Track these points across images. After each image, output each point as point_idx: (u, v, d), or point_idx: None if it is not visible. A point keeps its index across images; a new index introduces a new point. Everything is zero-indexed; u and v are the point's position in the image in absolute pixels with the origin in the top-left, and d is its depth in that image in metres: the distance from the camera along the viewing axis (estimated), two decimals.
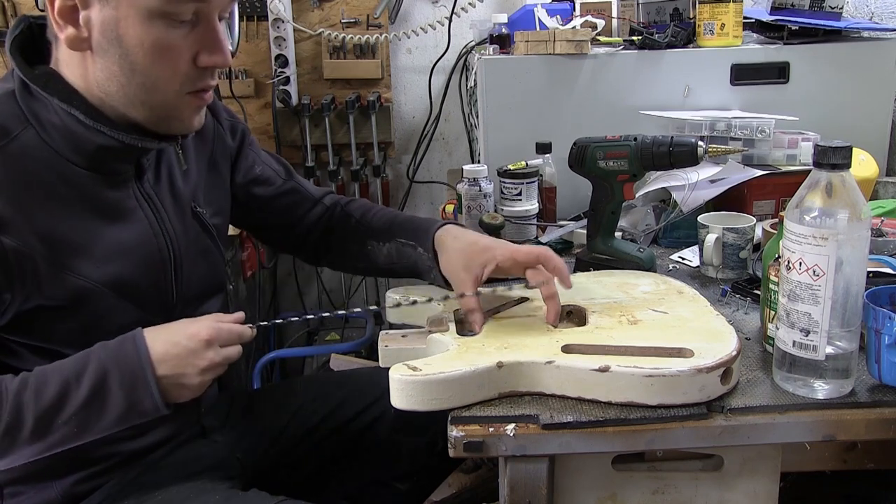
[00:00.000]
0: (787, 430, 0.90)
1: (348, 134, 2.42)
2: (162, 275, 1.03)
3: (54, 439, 0.90)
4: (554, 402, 0.92)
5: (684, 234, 1.46)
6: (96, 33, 0.88)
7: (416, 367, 0.92)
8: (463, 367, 0.91)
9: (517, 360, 0.93)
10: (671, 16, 1.80)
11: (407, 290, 1.18)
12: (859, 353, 0.91)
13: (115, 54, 0.89)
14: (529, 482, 0.92)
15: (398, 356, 0.99)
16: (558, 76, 1.65)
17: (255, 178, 1.22)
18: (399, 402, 0.92)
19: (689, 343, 0.95)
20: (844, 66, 1.65)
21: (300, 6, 2.37)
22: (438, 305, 1.12)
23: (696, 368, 0.89)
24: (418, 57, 2.48)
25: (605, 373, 0.90)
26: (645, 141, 1.21)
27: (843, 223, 0.84)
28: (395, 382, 0.91)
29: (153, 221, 1.02)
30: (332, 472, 1.25)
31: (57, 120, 0.92)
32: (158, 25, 0.88)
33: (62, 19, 0.88)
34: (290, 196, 1.24)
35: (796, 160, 1.50)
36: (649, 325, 1.02)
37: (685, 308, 1.07)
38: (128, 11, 0.87)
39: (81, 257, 0.94)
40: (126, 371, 0.90)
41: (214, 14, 0.92)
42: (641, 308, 1.07)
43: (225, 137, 1.18)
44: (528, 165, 1.53)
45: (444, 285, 1.13)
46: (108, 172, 0.97)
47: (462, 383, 0.91)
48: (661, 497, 0.97)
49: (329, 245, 1.26)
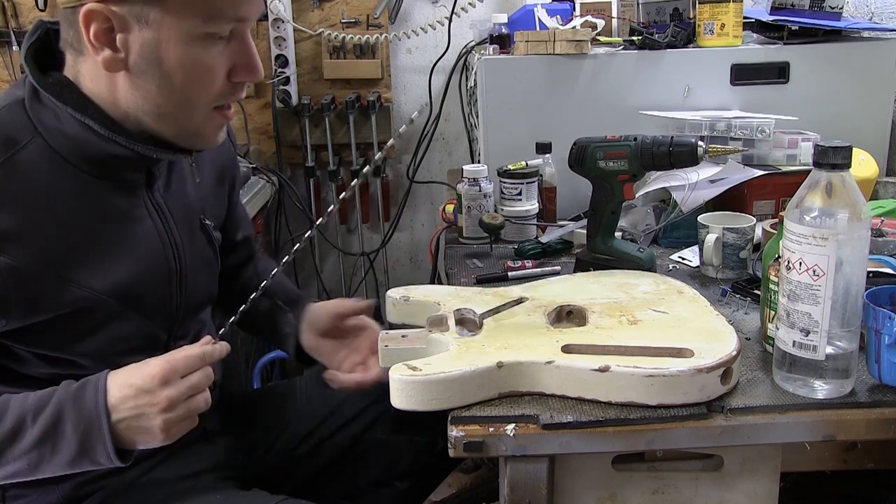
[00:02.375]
0: (787, 430, 0.90)
1: (348, 134, 2.42)
2: (167, 284, 1.02)
3: (6, 472, 0.88)
4: (554, 402, 0.92)
5: (684, 234, 1.46)
6: (134, 55, 0.88)
7: (416, 367, 0.92)
8: (463, 367, 0.91)
9: (517, 360, 0.93)
10: (671, 16, 1.80)
11: (407, 289, 1.17)
12: (859, 353, 0.91)
13: (155, 75, 0.89)
14: (529, 482, 0.92)
15: (398, 356, 0.99)
16: (558, 76, 1.65)
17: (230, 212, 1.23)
18: (399, 403, 0.92)
19: (689, 343, 0.95)
20: (844, 66, 1.65)
21: (300, 6, 2.37)
22: (438, 305, 1.11)
23: (696, 368, 0.89)
24: (418, 57, 2.48)
25: (605, 373, 0.90)
26: (645, 141, 1.21)
27: (843, 223, 0.84)
28: (395, 382, 0.91)
29: (161, 230, 1.02)
30: (333, 471, 1.25)
31: (68, 129, 0.91)
32: (199, 46, 0.88)
33: (98, 42, 0.87)
34: (241, 245, 1.27)
35: (796, 160, 1.50)
36: (649, 325, 1.02)
37: (685, 308, 1.07)
38: (169, 34, 0.86)
39: (86, 267, 0.93)
40: (83, 416, 0.87)
41: (248, 29, 0.93)
42: (641, 308, 1.07)
43: (235, 159, 1.21)
44: (528, 165, 1.53)
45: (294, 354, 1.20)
46: (118, 180, 0.96)
47: (462, 383, 0.91)
48: (661, 497, 0.97)
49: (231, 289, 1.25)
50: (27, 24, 2.36)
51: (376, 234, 2.64)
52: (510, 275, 1.34)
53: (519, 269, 1.36)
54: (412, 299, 1.14)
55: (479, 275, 1.35)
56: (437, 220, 2.17)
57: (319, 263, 2.63)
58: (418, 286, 1.19)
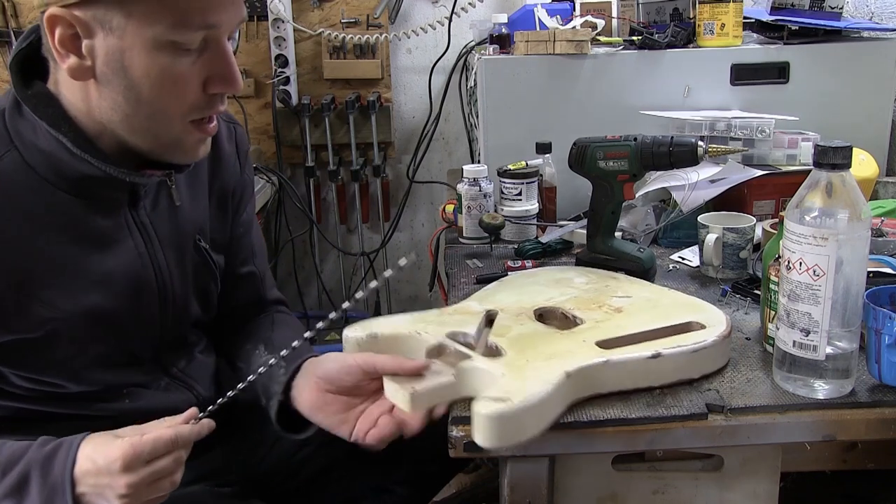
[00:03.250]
0: (787, 430, 0.90)
1: (348, 134, 2.42)
2: (147, 307, 0.99)
3: None
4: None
5: (684, 234, 1.45)
6: (100, 63, 0.84)
7: (500, 398, 0.81)
8: (543, 386, 0.84)
9: (579, 367, 0.89)
10: (671, 16, 1.80)
11: (364, 326, 1.02)
12: (859, 353, 0.91)
13: (120, 85, 0.85)
14: (530, 482, 0.92)
15: (429, 398, 0.88)
16: (558, 76, 1.65)
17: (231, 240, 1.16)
18: (489, 440, 0.81)
19: (685, 318, 1.00)
20: (844, 66, 1.65)
21: (300, 6, 2.37)
22: (419, 335, 0.98)
23: (723, 335, 0.96)
24: (418, 57, 2.48)
25: (657, 359, 0.92)
26: (645, 141, 1.21)
27: (844, 223, 0.84)
28: (485, 420, 0.80)
29: (143, 251, 0.98)
30: (333, 476, 1.23)
31: (44, 144, 0.88)
32: (165, 55, 0.83)
33: (63, 48, 0.83)
34: (244, 280, 1.17)
35: (796, 160, 1.50)
36: (633, 310, 1.04)
37: (641, 290, 1.12)
38: (133, 42, 0.82)
39: (54, 288, 0.90)
40: (48, 482, 0.84)
41: (223, 38, 0.87)
42: (606, 298, 1.08)
43: (244, 183, 1.15)
44: (528, 165, 1.53)
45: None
46: (97, 199, 0.93)
47: (548, 404, 0.84)
48: (661, 497, 0.97)
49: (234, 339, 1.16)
50: (27, 24, 2.36)
51: (376, 234, 2.64)
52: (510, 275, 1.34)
53: (519, 268, 1.36)
54: (380, 335, 0.99)
55: (479, 275, 1.35)
56: (437, 220, 2.17)
57: (319, 263, 2.63)
58: (369, 321, 1.04)
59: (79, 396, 0.96)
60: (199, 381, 1.08)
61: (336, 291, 2.65)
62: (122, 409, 0.99)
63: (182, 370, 1.07)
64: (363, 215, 2.58)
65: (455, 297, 1.27)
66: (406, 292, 2.75)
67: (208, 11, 0.84)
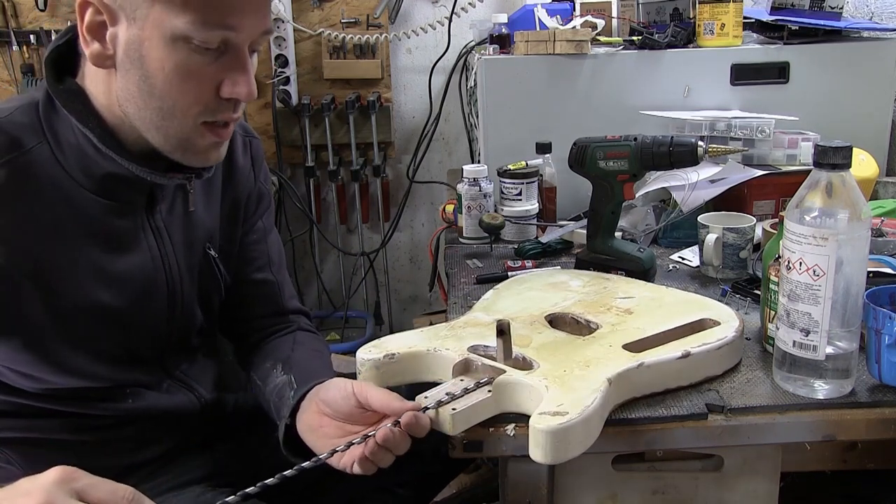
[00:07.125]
0: (787, 430, 0.90)
1: (348, 134, 2.43)
2: (155, 308, 1.00)
3: None
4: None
5: (684, 234, 1.46)
6: (121, 52, 0.86)
7: (556, 412, 0.80)
8: (592, 396, 0.83)
9: (617, 373, 0.88)
10: (671, 16, 1.80)
11: (378, 346, 0.99)
12: (859, 353, 0.91)
13: (136, 75, 0.86)
14: (529, 482, 0.93)
15: (468, 418, 0.86)
16: (558, 76, 1.65)
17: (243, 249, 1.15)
18: (549, 456, 0.79)
19: (695, 315, 1.02)
20: (844, 66, 1.65)
21: (300, 6, 2.37)
22: (437, 351, 0.96)
23: (738, 331, 0.98)
24: (418, 57, 2.48)
25: (687, 358, 0.92)
26: (645, 141, 1.21)
27: (844, 223, 0.84)
28: (544, 436, 0.78)
29: (156, 254, 0.99)
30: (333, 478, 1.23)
31: (73, 139, 0.90)
32: (181, 50, 0.85)
33: (90, 35, 0.85)
34: (259, 287, 1.16)
35: (796, 160, 1.51)
36: (642, 311, 1.04)
37: (641, 290, 1.12)
38: (152, 33, 0.84)
39: (67, 280, 0.91)
40: None
41: (245, 44, 0.88)
42: (610, 299, 1.08)
43: (259, 194, 1.15)
44: (528, 165, 1.53)
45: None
46: (116, 199, 0.94)
47: (601, 415, 0.84)
48: (661, 497, 0.97)
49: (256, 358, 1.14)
50: (27, 25, 2.36)
51: (376, 234, 2.64)
52: (510, 275, 1.34)
53: (519, 268, 1.36)
54: (399, 355, 0.96)
55: (479, 275, 1.35)
56: (437, 220, 2.17)
57: (319, 263, 2.63)
58: (379, 340, 1.00)
59: (83, 395, 0.97)
60: (200, 383, 1.09)
61: (336, 291, 2.65)
62: (125, 409, 1.00)
63: (184, 372, 1.07)
64: (363, 215, 2.58)
65: (455, 297, 1.27)
66: (406, 292, 2.75)
67: (228, 13, 0.84)
